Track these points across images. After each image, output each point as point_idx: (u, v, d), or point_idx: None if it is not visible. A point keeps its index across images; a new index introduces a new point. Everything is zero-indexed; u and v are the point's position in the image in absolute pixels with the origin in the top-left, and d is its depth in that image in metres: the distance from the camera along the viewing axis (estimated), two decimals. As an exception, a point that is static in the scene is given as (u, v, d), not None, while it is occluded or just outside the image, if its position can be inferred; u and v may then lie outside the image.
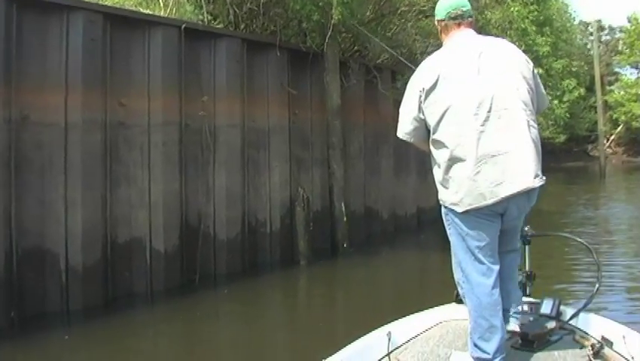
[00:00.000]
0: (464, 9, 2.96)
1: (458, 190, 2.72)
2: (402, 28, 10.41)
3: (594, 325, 3.25)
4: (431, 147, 2.84)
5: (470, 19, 2.98)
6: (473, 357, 2.85)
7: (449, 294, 3.54)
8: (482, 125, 2.66)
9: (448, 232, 2.93)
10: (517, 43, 8.34)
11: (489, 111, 2.66)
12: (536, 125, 2.79)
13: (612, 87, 36.98)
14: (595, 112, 29.86)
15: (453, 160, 2.71)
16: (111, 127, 6.47)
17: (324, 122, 9.01)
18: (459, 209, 2.74)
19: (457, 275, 2.96)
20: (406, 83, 3.02)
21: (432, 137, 2.80)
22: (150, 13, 7.15)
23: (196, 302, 6.62)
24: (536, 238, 3.56)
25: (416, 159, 11.42)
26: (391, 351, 3.01)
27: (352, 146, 9.69)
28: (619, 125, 36.18)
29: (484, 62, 2.76)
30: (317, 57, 8.85)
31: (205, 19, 7.84)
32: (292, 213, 8.36)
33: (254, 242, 7.97)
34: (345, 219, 8.94)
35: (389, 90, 10.02)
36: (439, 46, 3.15)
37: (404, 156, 11.09)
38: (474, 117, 2.67)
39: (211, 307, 6.66)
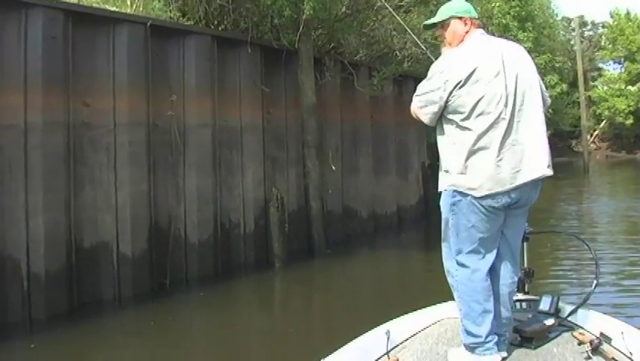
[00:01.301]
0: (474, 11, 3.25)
1: (480, 175, 2.90)
2: (379, 24, 10.26)
3: (592, 321, 3.28)
4: (454, 133, 2.99)
5: (478, 20, 3.25)
6: (465, 345, 2.96)
7: (436, 295, 3.57)
8: (506, 117, 2.92)
9: (450, 220, 3.02)
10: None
11: (514, 105, 2.93)
12: (545, 121, 3.07)
13: (595, 83, 37.22)
14: (579, 107, 29.96)
15: (479, 147, 2.91)
16: (74, 128, 6.30)
17: (299, 120, 8.85)
18: (477, 194, 2.90)
19: (449, 264, 3.07)
20: (382, 80, 2.96)
21: (460, 123, 2.96)
22: (116, 10, 6.95)
23: (168, 308, 6.45)
24: (534, 236, 3.60)
25: (395, 157, 11.29)
26: (390, 350, 3.03)
27: (329, 144, 9.50)
28: (602, 121, 36.41)
29: (507, 60, 3.01)
30: (291, 54, 8.69)
31: (174, 16, 7.64)
32: (266, 214, 8.20)
33: (228, 244, 7.79)
34: (321, 219, 8.77)
35: (366, 87, 9.86)
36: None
37: (384, 153, 10.95)
38: (502, 109, 2.91)
39: (184, 312, 6.49)
